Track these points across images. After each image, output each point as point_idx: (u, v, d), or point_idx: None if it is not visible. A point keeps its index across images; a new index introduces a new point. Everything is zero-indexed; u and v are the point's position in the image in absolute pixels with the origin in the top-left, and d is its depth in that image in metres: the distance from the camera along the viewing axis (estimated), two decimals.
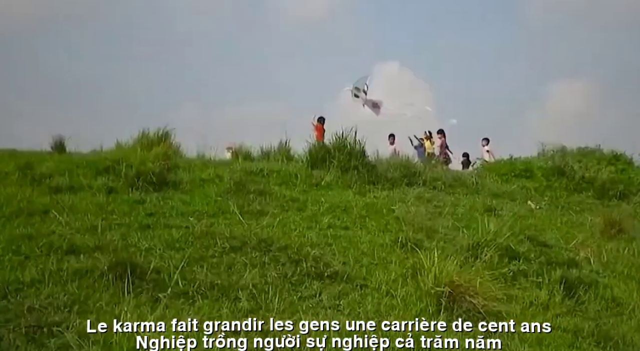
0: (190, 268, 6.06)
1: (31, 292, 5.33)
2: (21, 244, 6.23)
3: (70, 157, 9.81)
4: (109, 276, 5.59)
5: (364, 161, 10.61)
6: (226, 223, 7.40)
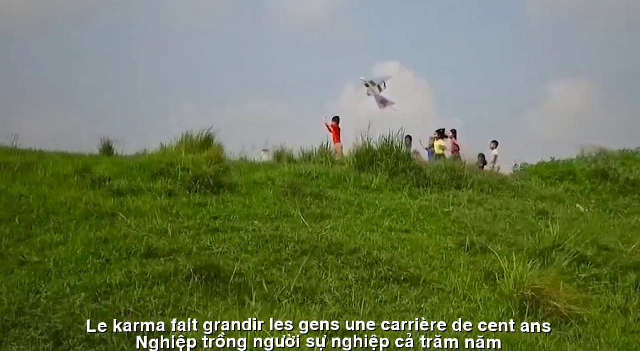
0: (268, 272, 6.07)
1: (121, 295, 5.36)
2: (99, 247, 6.26)
3: (122, 160, 9.83)
4: (195, 279, 5.60)
5: (411, 164, 10.60)
6: (291, 227, 7.41)
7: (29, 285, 5.39)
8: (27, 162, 8.89)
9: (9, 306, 4.93)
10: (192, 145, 11.22)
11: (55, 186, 8.22)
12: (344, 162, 11.77)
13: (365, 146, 10.79)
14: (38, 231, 6.64)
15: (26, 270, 5.67)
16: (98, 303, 5.18)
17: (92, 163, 9.01)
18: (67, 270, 5.73)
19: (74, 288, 5.39)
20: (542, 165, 13.33)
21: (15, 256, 5.96)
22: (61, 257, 5.99)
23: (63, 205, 7.32)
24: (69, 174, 8.51)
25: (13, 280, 5.43)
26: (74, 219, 7.00)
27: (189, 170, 8.77)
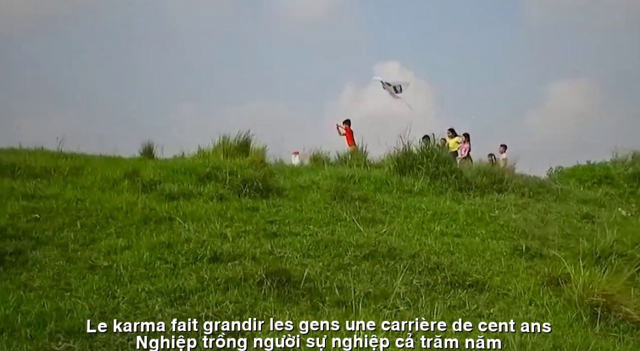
0: (335, 277, 6.08)
1: (195, 300, 5.37)
2: (163, 252, 6.29)
3: (165, 163, 9.87)
4: (267, 284, 5.62)
5: (451, 167, 10.60)
6: (346, 231, 7.43)
7: (104, 290, 5.41)
8: (75, 166, 8.94)
9: (91, 311, 4.94)
10: (229, 148, 11.27)
11: (107, 190, 8.26)
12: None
13: (405, 149, 10.77)
14: (100, 235, 6.67)
15: (98, 275, 5.69)
16: (175, 308, 5.20)
17: (139, 166, 9.03)
18: (138, 274, 5.76)
19: (149, 293, 5.41)
20: (578, 168, 13.29)
21: (84, 260, 5.99)
22: (129, 261, 6.01)
23: (119, 210, 7.35)
24: (119, 178, 8.54)
25: (88, 285, 5.45)
26: (133, 223, 7.02)
27: (238, 174, 8.80)
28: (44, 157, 9.29)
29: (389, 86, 18.33)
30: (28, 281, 5.45)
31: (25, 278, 5.48)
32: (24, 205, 7.16)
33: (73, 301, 5.10)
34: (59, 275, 5.64)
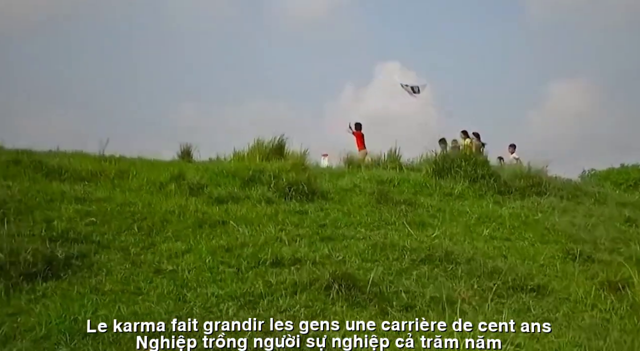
0: (398, 281, 6.07)
1: (265, 304, 5.38)
2: (224, 256, 6.31)
3: (207, 166, 9.89)
4: (334, 288, 5.62)
5: (490, 170, 10.59)
6: (398, 235, 7.43)
7: (175, 294, 5.43)
8: (121, 169, 8.97)
9: (167, 314, 4.96)
10: (264, 151, 11.30)
11: (155, 193, 8.30)
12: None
13: (443, 152, 10.77)
14: (158, 239, 6.70)
15: (165, 279, 5.71)
16: (246, 312, 5.21)
17: (184, 170, 9.05)
18: (205, 278, 5.77)
19: (218, 297, 5.42)
20: (613, 171, 13.24)
21: (148, 264, 6.01)
22: (192, 265, 6.03)
23: (172, 213, 7.38)
24: (165, 181, 8.58)
25: (158, 289, 5.47)
26: (188, 227, 7.05)
27: (282, 177, 8.82)
28: (88, 160, 9.33)
29: (407, 87, 18.42)
30: (98, 285, 5.47)
31: (96, 282, 5.51)
32: (78, 209, 7.20)
33: (147, 306, 5.11)
34: (127, 279, 5.66)
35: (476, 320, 5.38)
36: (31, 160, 8.77)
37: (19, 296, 5.15)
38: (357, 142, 15.29)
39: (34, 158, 8.85)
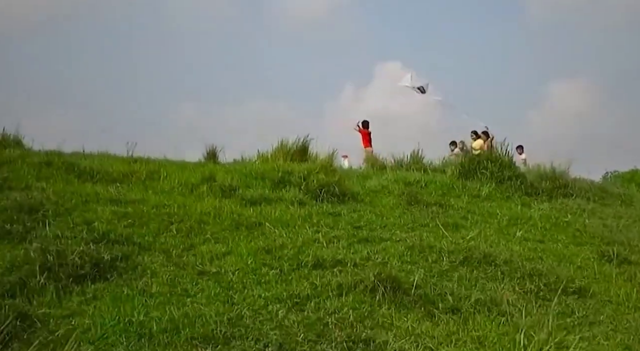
0: (441, 283, 6.07)
1: (312, 306, 5.38)
2: (265, 257, 6.31)
3: (234, 167, 9.90)
4: (380, 290, 5.62)
5: (516, 172, 10.57)
6: (433, 236, 7.43)
7: (222, 296, 5.43)
8: (151, 171, 8.99)
9: (217, 317, 4.97)
10: (288, 153, 11.31)
11: (187, 194, 8.32)
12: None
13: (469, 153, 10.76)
14: (197, 240, 6.71)
15: (210, 281, 5.73)
16: (295, 314, 5.21)
17: (215, 171, 9.07)
18: (250, 281, 5.78)
19: (266, 299, 5.43)
20: (637, 172, 13.22)
21: (191, 266, 6.02)
22: (235, 267, 6.04)
23: (208, 215, 7.39)
24: (197, 183, 8.60)
25: (206, 291, 5.48)
26: (225, 229, 7.07)
27: (314, 179, 8.82)
28: (117, 162, 9.35)
29: (414, 88, 18.44)
30: (145, 287, 5.48)
31: (142, 284, 5.52)
32: (114, 210, 7.22)
33: (197, 308, 5.12)
34: (172, 280, 5.67)
35: (523, 322, 5.40)
36: (62, 162, 8.79)
37: (70, 298, 5.17)
38: (363, 140, 15.35)
39: (65, 160, 8.87)
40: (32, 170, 8.51)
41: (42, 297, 5.11)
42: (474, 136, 17.43)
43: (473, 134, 17.51)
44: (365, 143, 15.42)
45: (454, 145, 17.70)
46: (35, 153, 9.46)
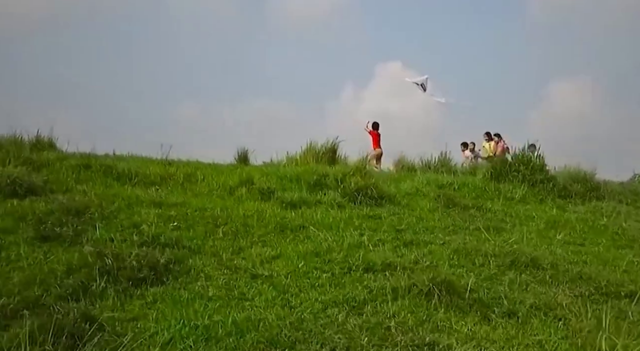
0: (493, 287, 6.06)
1: (369, 310, 5.38)
2: (315, 261, 6.32)
3: (268, 170, 9.92)
4: (435, 294, 5.62)
5: (547, 175, 10.56)
6: (477, 239, 7.42)
7: (279, 300, 5.44)
8: (187, 173, 9.02)
9: (280, 320, 4.98)
10: (317, 155, 11.34)
11: (226, 197, 8.34)
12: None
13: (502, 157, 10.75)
14: (244, 243, 6.74)
15: (265, 284, 5.74)
16: (355, 318, 5.21)
17: (253, 174, 9.09)
18: (304, 284, 5.79)
19: (323, 302, 5.43)
20: None
21: (243, 269, 6.04)
22: (287, 270, 6.05)
23: (251, 217, 7.42)
24: (235, 186, 8.62)
25: (263, 295, 5.49)
26: (270, 232, 7.09)
27: (351, 182, 8.83)
28: (152, 164, 9.38)
29: (418, 85, 18.43)
30: (202, 290, 5.50)
31: (199, 288, 5.54)
32: (158, 213, 7.25)
33: (257, 312, 5.13)
34: (227, 284, 5.69)
35: (580, 326, 5.39)
36: (100, 165, 8.83)
37: (131, 301, 5.19)
38: (373, 141, 15.36)
39: (102, 163, 8.91)
40: (70, 172, 8.57)
41: (103, 300, 5.13)
42: (487, 137, 17.46)
43: (486, 136, 17.53)
44: (375, 145, 15.44)
45: (465, 146, 17.72)
46: (71, 155, 9.51)
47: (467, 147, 17.67)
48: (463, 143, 17.86)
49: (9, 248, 6.07)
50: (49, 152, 9.36)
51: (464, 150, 17.60)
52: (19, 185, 7.56)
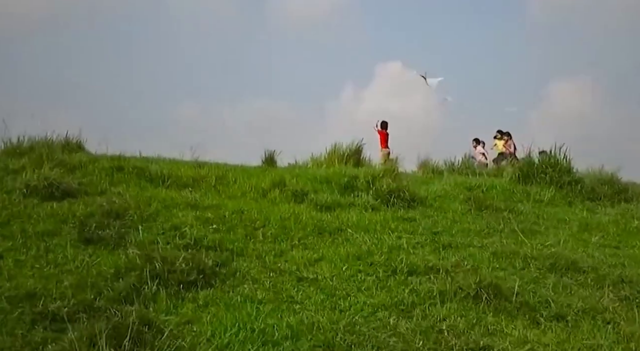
0: (538, 290, 6.05)
1: (418, 313, 5.38)
2: (357, 263, 6.33)
3: (298, 171, 9.94)
4: (482, 298, 5.63)
5: (574, 177, 10.54)
6: (513, 242, 7.43)
7: (328, 303, 5.45)
8: (219, 176, 9.04)
9: (333, 324, 4.99)
10: (342, 157, 11.37)
11: (259, 199, 8.36)
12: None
13: (528, 158, 10.75)
14: (285, 246, 6.75)
15: (311, 287, 5.75)
16: (406, 321, 5.22)
17: (285, 176, 9.11)
18: (350, 287, 5.80)
19: (371, 306, 5.44)
20: None
21: (288, 272, 6.06)
22: (331, 273, 6.07)
23: (288, 220, 7.43)
24: (267, 188, 8.64)
25: (312, 298, 5.51)
26: (309, 234, 7.10)
27: (383, 184, 8.85)
28: (183, 166, 9.41)
29: (425, 79, 18.31)
30: (250, 293, 5.52)
31: (248, 291, 5.55)
32: (196, 216, 7.27)
33: (309, 315, 5.13)
34: (275, 287, 5.71)
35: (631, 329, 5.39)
36: (133, 167, 8.86)
37: (183, 304, 5.21)
38: (381, 141, 15.39)
39: (134, 165, 8.94)
40: (104, 174, 8.60)
41: (156, 304, 5.15)
42: (498, 135, 17.48)
43: (498, 133, 17.56)
44: (383, 145, 15.47)
45: (477, 142, 17.75)
46: (101, 157, 9.54)
47: (479, 143, 17.71)
48: (475, 139, 17.92)
49: (55, 250, 6.10)
50: (80, 153, 9.40)
51: (475, 146, 17.65)
52: (55, 187, 7.59)
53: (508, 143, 17.21)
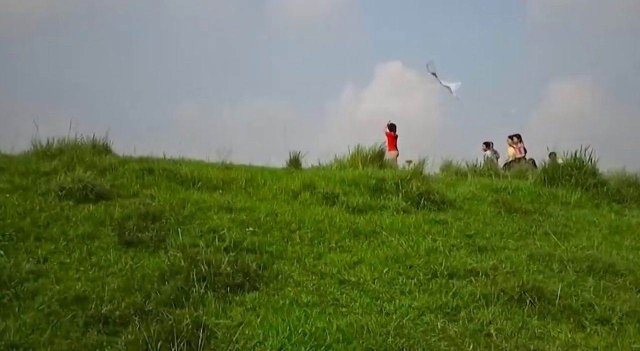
0: (580, 294, 6.05)
1: (463, 316, 5.40)
2: (396, 266, 6.35)
3: (324, 173, 9.95)
4: (527, 300, 5.64)
5: (599, 179, 10.52)
6: (547, 245, 7.42)
7: (374, 306, 5.47)
8: (248, 178, 9.06)
9: (381, 328, 5.00)
10: (365, 158, 11.38)
11: (291, 202, 8.37)
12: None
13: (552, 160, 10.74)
14: (322, 249, 6.76)
15: (355, 290, 5.77)
16: (451, 324, 5.24)
17: (315, 178, 9.12)
18: (393, 290, 5.82)
19: (416, 309, 5.47)
20: None
21: (329, 275, 6.06)
22: (371, 276, 6.09)
23: (321, 222, 7.45)
24: (297, 190, 8.65)
25: (358, 302, 5.52)
26: (345, 237, 7.12)
27: (413, 186, 8.86)
28: (213, 169, 9.42)
29: (447, 86, 18.28)
30: (295, 296, 5.54)
31: (293, 294, 5.58)
32: (231, 218, 7.29)
33: (356, 319, 5.14)
34: (318, 290, 5.73)
35: None
36: (162, 169, 8.89)
37: (231, 307, 5.24)
38: (389, 143, 15.38)
39: (164, 167, 8.97)
40: (134, 177, 8.62)
41: (205, 307, 5.18)
42: (509, 141, 17.46)
43: (509, 139, 17.54)
44: (391, 147, 15.47)
45: (487, 145, 17.71)
46: (129, 159, 9.56)
47: (489, 146, 17.69)
48: (485, 143, 17.90)
49: (97, 253, 6.13)
50: (110, 156, 9.43)
51: (485, 149, 17.62)
52: (89, 190, 7.62)
53: (518, 146, 17.17)
